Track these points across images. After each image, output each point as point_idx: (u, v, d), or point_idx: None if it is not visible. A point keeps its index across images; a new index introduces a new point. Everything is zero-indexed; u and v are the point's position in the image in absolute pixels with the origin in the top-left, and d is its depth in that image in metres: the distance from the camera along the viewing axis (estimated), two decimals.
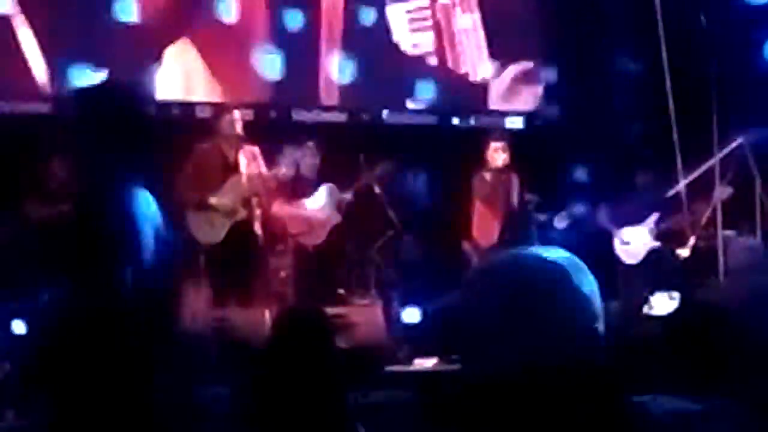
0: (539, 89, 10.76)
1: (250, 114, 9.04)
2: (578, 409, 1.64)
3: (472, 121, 10.61)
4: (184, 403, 3.93)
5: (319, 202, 9.03)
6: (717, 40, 8.90)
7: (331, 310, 4.75)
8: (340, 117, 10.23)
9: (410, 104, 10.46)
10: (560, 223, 9.27)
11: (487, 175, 9.19)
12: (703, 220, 9.03)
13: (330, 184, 9.05)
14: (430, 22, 10.55)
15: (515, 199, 9.19)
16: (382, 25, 10.38)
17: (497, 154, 9.14)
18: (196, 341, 4.77)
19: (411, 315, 9.24)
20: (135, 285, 3.32)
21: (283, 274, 9.07)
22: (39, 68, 9.08)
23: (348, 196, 9.02)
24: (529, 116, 10.71)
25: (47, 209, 8.42)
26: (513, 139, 9.47)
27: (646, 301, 8.88)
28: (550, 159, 9.54)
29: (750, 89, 9.44)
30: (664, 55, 8.87)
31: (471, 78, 10.64)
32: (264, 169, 8.44)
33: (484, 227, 9.18)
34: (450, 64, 10.60)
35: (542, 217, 9.25)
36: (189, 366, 4.50)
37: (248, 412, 3.38)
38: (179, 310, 3.84)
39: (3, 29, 9.00)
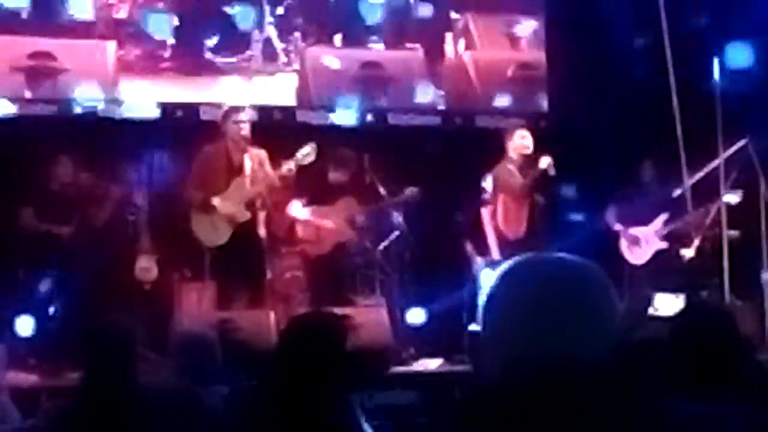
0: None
1: (254, 115, 8.95)
2: (594, 412, 1.65)
3: (477, 122, 10.57)
4: (187, 404, 3.93)
5: (335, 216, 8.96)
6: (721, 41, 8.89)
7: (336, 311, 4.75)
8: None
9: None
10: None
11: (512, 167, 8.88)
12: (708, 220, 9.01)
13: (351, 199, 8.99)
14: None
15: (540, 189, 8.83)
16: None
17: (525, 141, 8.86)
18: (199, 342, 4.76)
19: (416, 316, 9.23)
20: None
21: (287, 275, 9.06)
22: None
23: (362, 217, 8.99)
24: (535, 117, 10.67)
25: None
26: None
27: (650, 301, 8.85)
28: (556, 159, 9.40)
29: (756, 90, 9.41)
30: (669, 55, 8.84)
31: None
32: (270, 171, 8.34)
33: (511, 220, 8.84)
34: None
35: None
36: (192, 367, 4.50)
37: (254, 414, 3.37)
38: None
39: None
